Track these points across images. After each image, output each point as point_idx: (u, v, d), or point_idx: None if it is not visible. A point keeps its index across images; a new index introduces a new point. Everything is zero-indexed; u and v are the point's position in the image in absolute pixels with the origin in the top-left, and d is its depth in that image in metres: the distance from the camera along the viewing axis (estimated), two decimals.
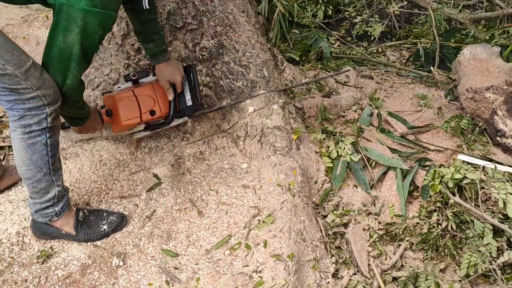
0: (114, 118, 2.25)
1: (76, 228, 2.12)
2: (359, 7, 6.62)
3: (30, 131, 1.82)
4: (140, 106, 2.28)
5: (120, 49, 2.70)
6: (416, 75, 4.25)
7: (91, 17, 1.63)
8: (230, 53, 2.67)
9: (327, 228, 2.46)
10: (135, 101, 2.27)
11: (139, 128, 2.44)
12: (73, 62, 1.74)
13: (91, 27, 1.66)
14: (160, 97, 2.35)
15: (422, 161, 2.85)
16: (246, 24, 2.67)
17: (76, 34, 1.65)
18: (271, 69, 2.78)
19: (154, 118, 2.36)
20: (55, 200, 2.03)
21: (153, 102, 2.32)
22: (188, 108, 2.48)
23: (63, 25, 1.64)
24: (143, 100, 2.29)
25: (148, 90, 2.32)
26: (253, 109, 2.68)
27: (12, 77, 1.68)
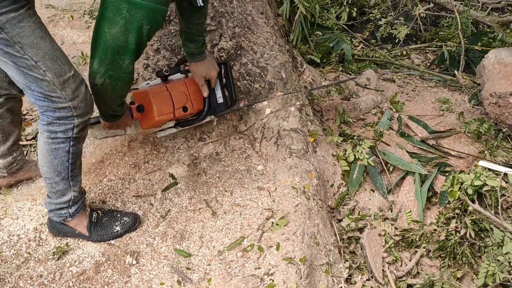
0: (146, 113, 2.22)
1: (89, 229, 2.15)
2: (384, 9, 6.55)
3: (56, 137, 1.86)
4: (173, 102, 2.26)
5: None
6: (440, 79, 4.17)
7: (137, 10, 1.56)
8: (248, 55, 2.67)
9: (341, 233, 2.44)
10: (168, 96, 2.25)
11: (169, 125, 2.43)
12: (119, 55, 1.67)
13: (136, 21, 1.58)
14: (192, 94, 2.34)
15: (442, 166, 2.80)
16: (265, 25, 2.66)
17: (121, 26, 1.58)
18: (289, 71, 2.77)
19: (186, 115, 2.36)
20: (70, 203, 2.07)
21: (186, 98, 2.31)
22: (219, 106, 2.50)
23: (108, 16, 1.58)
24: (176, 96, 2.27)
25: (181, 87, 2.32)
26: (270, 111, 2.68)
27: (50, 84, 1.72)
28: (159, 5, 1.59)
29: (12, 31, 1.61)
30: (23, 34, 1.63)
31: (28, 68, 1.69)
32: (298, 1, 4.04)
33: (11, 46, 1.63)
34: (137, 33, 1.60)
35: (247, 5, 2.61)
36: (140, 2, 1.54)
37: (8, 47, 1.63)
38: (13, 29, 1.60)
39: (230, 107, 2.55)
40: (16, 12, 1.59)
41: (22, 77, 1.72)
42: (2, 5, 1.56)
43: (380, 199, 2.65)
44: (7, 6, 1.57)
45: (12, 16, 1.58)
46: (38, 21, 1.70)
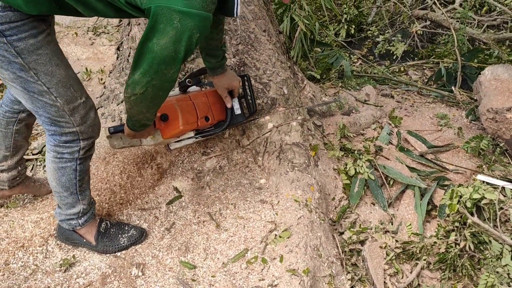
0: (170, 122, 2.20)
1: (96, 239, 2.19)
2: (382, 26, 6.67)
3: (62, 157, 1.92)
4: (197, 111, 2.30)
5: None
6: (437, 95, 4.25)
7: (189, 19, 1.50)
8: (251, 71, 2.73)
9: (343, 245, 2.47)
10: (193, 106, 2.29)
11: (188, 135, 2.44)
12: (165, 65, 1.61)
13: (188, 30, 1.52)
14: (212, 105, 2.40)
15: (441, 180, 2.85)
16: (267, 43, 2.73)
17: (171, 37, 1.53)
18: (291, 87, 2.83)
19: (207, 125, 2.39)
20: (79, 214, 2.12)
21: (207, 108, 2.36)
22: (237, 117, 2.55)
23: (159, 28, 1.52)
24: (199, 105, 2.31)
25: (202, 97, 2.37)
26: (272, 126, 2.73)
27: (59, 110, 1.77)
28: (208, 13, 1.55)
29: (29, 58, 1.63)
30: (40, 61, 1.66)
31: (39, 93, 1.72)
32: (298, 19, 4.12)
33: (25, 71, 1.65)
34: (187, 42, 1.55)
35: (250, 23, 2.68)
36: (191, 11, 1.49)
37: (22, 71, 1.65)
38: (30, 55, 1.63)
39: (248, 117, 2.62)
40: (35, 39, 1.62)
41: (30, 102, 1.75)
42: (22, 30, 1.58)
43: (380, 212, 2.69)
44: (26, 31, 1.59)
45: (30, 43, 1.61)
46: (55, 48, 1.72)
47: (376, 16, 6.94)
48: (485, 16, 6.30)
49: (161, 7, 1.47)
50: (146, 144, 2.29)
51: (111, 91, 2.97)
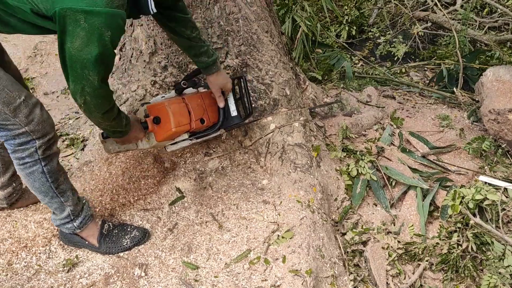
0: (163, 125, 2.21)
1: (99, 241, 2.19)
2: (383, 27, 6.67)
3: (24, 162, 1.88)
4: (191, 113, 2.29)
5: (147, 66, 2.80)
6: (439, 96, 4.25)
7: (95, 18, 1.47)
8: (254, 72, 2.74)
9: (346, 246, 2.48)
10: (185, 108, 2.28)
11: (183, 137, 2.40)
12: (87, 69, 1.58)
13: (97, 29, 1.49)
14: (208, 107, 2.40)
15: (443, 181, 2.85)
16: (270, 44, 2.74)
17: (82, 38, 1.50)
18: (293, 88, 2.84)
19: (203, 127, 2.38)
20: (71, 217, 2.11)
21: (203, 110, 2.36)
22: (233, 118, 2.53)
23: (69, 30, 1.49)
24: (194, 108, 2.31)
25: (198, 99, 2.36)
26: (274, 126, 2.74)
27: (1, 114, 1.72)
28: (116, 9, 1.52)
29: None
30: None
31: None
32: (300, 20, 4.13)
33: None
34: (99, 42, 1.52)
35: (252, 24, 2.69)
36: (95, 9, 1.47)
37: None
38: None
39: (244, 119, 2.58)
40: None
41: None
42: None
43: (382, 213, 2.69)
44: None
45: None
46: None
47: (377, 17, 6.95)
48: (486, 17, 6.31)
49: (65, 9, 1.46)
50: (142, 147, 2.29)
51: (113, 92, 2.97)
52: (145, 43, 2.77)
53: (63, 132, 3.06)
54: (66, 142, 2.94)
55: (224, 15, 2.65)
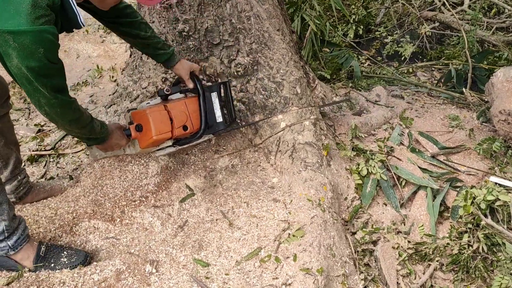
0: (144, 133, 2.27)
1: (35, 263, 2.04)
2: (390, 27, 6.65)
3: None
4: (173, 120, 2.31)
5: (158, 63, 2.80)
6: (447, 96, 4.24)
7: (22, 37, 1.49)
8: (265, 70, 2.74)
9: (356, 245, 2.47)
10: (167, 115, 2.30)
11: (167, 144, 2.47)
12: (34, 83, 1.61)
13: (27, 47, 1.51)
14: (192, 113, 2.39)
15: (453, 181, 2.85)
16: (281, 42, 2.73)
17: (16, 57, 1.52)
18: (304, 87, 2.83)
19: (186, 133, 2.39)
20: (5, 234, 1.93)
21: (186, 117, 2.36)
22: (218, 124, 2.51)
23: (3, 51, 1.52)
24: (176, 115, 2.32)
25: (181, 106, 2.36)
26: (285, 125, 2.73)
27: None
28: (43, 26, 1.53)
29: None
30: None
31: None
32: (308, 19, 4.12)
33: None
34: (32, 58, 1.54)
35: (264, 22, 2.68)
36: (20, 29, 1.48)
37: None
38: None
39: (229, 125, 2.57)
40: None
41: None
42: None
43: (393, 213, 2.69)
44: None
45: None
46: None
47: (385, 17, 6.93)
48: (494, 18, 6.29)
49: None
50: (129, 153, 2.35)
51: (124, 89, 2.98)
52: None
53: None
54: (76, 139, 2.94)
55: (236, 12, 2.65)
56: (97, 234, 2.28)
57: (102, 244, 2.24)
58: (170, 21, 2.69)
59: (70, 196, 2.43)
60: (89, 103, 3.53)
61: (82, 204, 2.37)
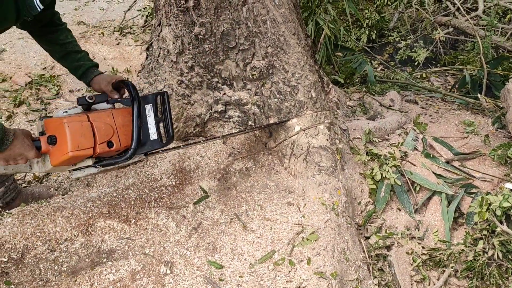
0: (59, 146, 1.78)
1: None
2: (404, 32, 6.64)
3: None
4: (96, 135, 1.82)
5: (174, 66, 2.83)
6: (462, 102, 4.22)
7: None
8: (280, 74, 2.75)
9: (370, 250, 2.47)
10: (89, 128, 1.81)
11: (87, 163, 1.90)
12: None
13: None
14: (120, 127, 1.92)
15: (468, 187, 2.83)
16: (297, 46, 2.74)
17: None
18: (319, 91, 2.84)
19: (110, 152, 1.90)
20: None
21: (112, 131, 1.89)
22: (152, 143, 2.06)
23: None
24: (100, 127, 1.84)
25: (106, 117, 1.90)
26: (299, 128, 2.74)
27: None
28: None
29: None
30: None
31: None
32: (323, 23, 4.13)
33: None
34: None
35: (280, 26, 2.69)
36: None
37: None
38: None
39: (165, 145, 2.11)
40: None
41: None
42: None
43: (407, 218, 2.68)
44: None
45: None
46: None
47: (398, 22, 6.92)
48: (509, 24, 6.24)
49: None
50: (37, 170, 1.93)
51: (139, 91, 3.00)
52: (173, 43, 2.79)
53: None
54: None
55: (252, 16, 2.66)
56: (113, 234, 2.30)
57: (118, 244, 2.26)
58: (187, 24, 2.71)
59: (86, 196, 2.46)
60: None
61: (98, 205, 2.40)
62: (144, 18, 5.09)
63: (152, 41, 3.02)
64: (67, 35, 2.15)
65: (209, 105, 2.89)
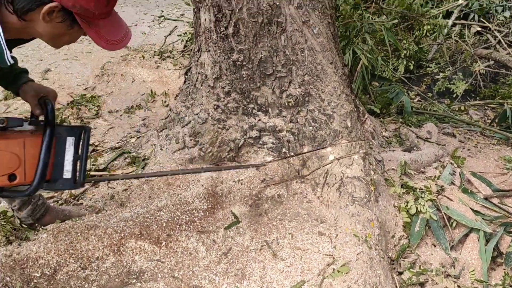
0: None
1: None
2: (442, 64, 6.56)
3: None
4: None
5: (211, 91, 2.87)
6: (502, 137, 4.10)
7: None
8: (316, 102, 2.75)
9: (402, 286, 2.39)
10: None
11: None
12: None
13: None
14: (29, 159, 1.70)
15: (508, 226, 2.72)
16: (334, 75, 2.74)
17: None
18: (354, 120, 2.82)
19: (12, 185, 1.68)
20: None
21: (17, 163, 1.67)
22: (64, 182, 1.83)
23: None
24: (4, 157, 1.64)
25: (15, 146, 1.67)
26: (333, 157, 2.72)
27: None
28: None
29: None
30: None
31: None
32: (360, 52, 4.12)
33: None
34: None
35: (317, 54, 2.71)
36: None
37: None
38: None
39: (77, 187, 1.88)
40: None
41: None
42: None
43: (442, 255, 2.59)
44: None
45: None
46: None
47: (437, 53, 6.84)
48: None
49: None
50: None
51: (176, 114, 3.06)
52: (211, 68, 2.84)
53: (125, 150, 3.15)
54: (128, 160, 3.03)
55: (290, 44, 2.69)
56: (143, 255, 2.31)
57: (147, 266, 2.26)
58: (226, 50, 2.76)
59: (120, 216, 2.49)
60: (141, 126, 3.64)
61: (130, 225, 2.42)
62: (183, 43, 5.22)
63: (190, 66, 3.08)
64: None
65: (244, 130, 2.91)
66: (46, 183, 1.77)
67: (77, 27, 1.53)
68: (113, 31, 1.59)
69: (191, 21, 5.75)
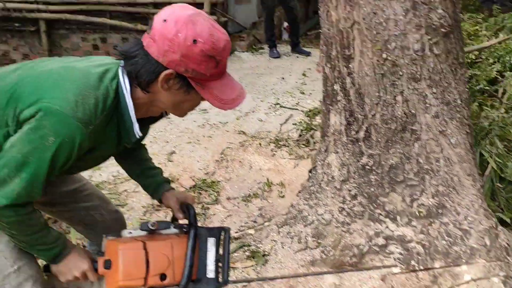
0: (112, 273, 1.76)
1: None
2: None
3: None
4: (149, 265, 1.77)
5: (337, 192, 2.84)
6: None
7: (48, 118, 1.41)
8: (451, 215, 2.60)
9: None
10: (143, 257, 1.76)
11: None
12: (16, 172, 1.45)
13: (41, 127, 1.41)
14: (178, 259, 1.82)
15: None
16: (471, 188, 2.60)
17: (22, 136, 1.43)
18: (494, 238, 2.61)
19: (163, 284, 1.81)
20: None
21: (167, 263, 1.81)
22: (208, 281, 1.90)
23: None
24: (155, 258, 1.78)
25: (165, 247, 1.83)
26: (470, 278, 2.50)
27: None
28: (77, 122, 1.43)
29: None
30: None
31: None
32: (488, 155, 3.91)
33: None
34: (36, 142, 1.41)
35: (454, 165, 2.60)
36: (53, 107, 1.40)
37: None
38: None
39: (219, 286, 1.93)
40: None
41: None
42: None
43: None
44: None
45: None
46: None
47: None
48: None
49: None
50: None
51: (298, 211, 3.05)
52: (338, 169, 2.83)
53: (245, 243, 3.17)
54: (247, 253, 3.04)
55: (424, 153, 2.62)
56: None
57: None
58: (355, 154, 2.75)
59: None
60: (257, 216, 3.68)
61: None
62: (298, 132, 5.32)
63: (316, 164, 3.10)
64: (144, 153, 2.18)
65: (369, 236, 2.81)
66: (192, 282, 1.85)
67: (194, 93, 1.61)
68: (226, 91, 1.65)
69: (306, 110, 5.91)
